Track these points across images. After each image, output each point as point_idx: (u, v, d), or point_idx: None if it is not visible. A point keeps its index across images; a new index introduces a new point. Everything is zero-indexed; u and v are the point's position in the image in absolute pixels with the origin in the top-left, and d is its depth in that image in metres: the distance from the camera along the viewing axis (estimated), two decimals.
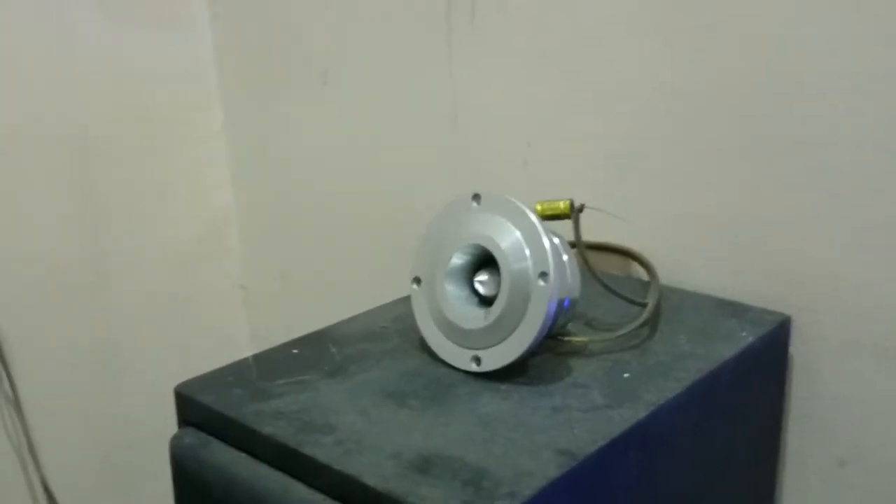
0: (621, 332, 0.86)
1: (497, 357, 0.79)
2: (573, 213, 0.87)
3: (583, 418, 0.73)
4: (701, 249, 1.01)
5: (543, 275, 0.77)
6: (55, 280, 1.36)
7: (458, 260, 0.83)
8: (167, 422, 0.82)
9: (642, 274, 1.05)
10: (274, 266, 1.52)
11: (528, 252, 0.78)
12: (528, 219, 0.79)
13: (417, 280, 0.86)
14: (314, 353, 0.86)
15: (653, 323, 0.91)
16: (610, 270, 1.07)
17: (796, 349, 0.97)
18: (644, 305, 0.91)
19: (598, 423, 0.72)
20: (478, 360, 0.81)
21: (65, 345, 1.39)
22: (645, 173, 1.04)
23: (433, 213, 0.86)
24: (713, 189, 0.99)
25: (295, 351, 0.87)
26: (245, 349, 1.56)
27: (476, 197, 0.83)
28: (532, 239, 0.78)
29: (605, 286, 0.90)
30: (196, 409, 0.79)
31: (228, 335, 1.57)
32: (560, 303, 0.79)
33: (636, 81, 1.02)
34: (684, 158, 1.00)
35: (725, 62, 0.95)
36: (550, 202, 0.88)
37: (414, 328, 0.87)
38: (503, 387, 0.79)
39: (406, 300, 0.96)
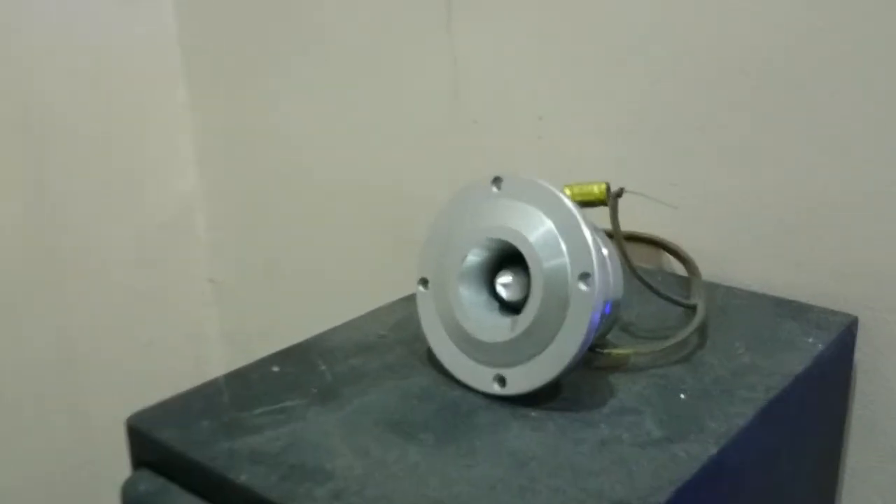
0: (671, 341, 0.71)
1: (526, 377, 0.65)
2: (610, 198, 0.72)
3: (640, 456, 0.59)
4: (747, 237, 0.87)
5: (585, 276, 0.62)
6: (4, 277, 1.20)
7: (475, 258, 0.68)
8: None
9: (676, 267, 0.90)
10: (247, 259, 1.36)
11: (564, 247, 0.63)
12: (564, 206, 0.64)
13: (424, 281, 0.71)
14: (299, 372, 0.71)
15: (701, 328, 0.77)
16: (638, 264, 0.92)
17: (861, 354, 0.83)
18: (692, 307, 0.77)
19: (659, 463, 0.58)
20: (501, 380, 0.66)
21: (18, 349, 1.23)
22: (679, 147, 0.89)
23: (434, 200, 0.71)
24: (761, 165, 0.84)
25: (276, 368, 0.72)
26: (215, 352, 1.41)
27: (497, 181, 0.68)
28: (569, 231, 0.63)
29: (649, 286, 0.75)
30: (154, 448, 0.63)
31: (197, 335, 1.42)
32: (602, 309, 0.64)
33: (667, 37, 0.87)
34: (727, 128, 0.86)
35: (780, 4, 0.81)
36: (582, 186, 0.73)
37: (419, 338, 0.72)
38: (534, 413, 0.64)
39: (407, 302, 0.81)
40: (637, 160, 0.91)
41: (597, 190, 0.73)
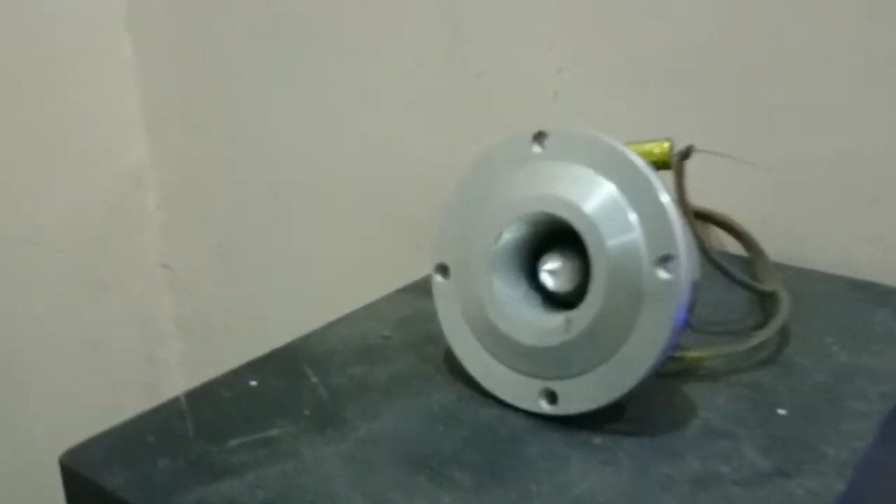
0: (757, 338, 0.57)
1: (586, 392, 0.50)
2: (675, 160, 0.57)
3: (748, 499, 0.44)
4: (816, 209, 0.73)
5: (666, 259, 0.47)
6: None
7: (512, 237, 0.53)
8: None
9: (728, 244, 0.76)
10: (205, 241, 1.19)
11: (633, 219, 0.48)
12: (633, 166, 0.49)
13: (443, 269, 0.56)
14: (284, 386, 0.55)
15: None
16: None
17: None
18: (770, 295, 0.62)
19: None
20: (551, 395, 0.51)
21: None
22: (732, 106, 0.74)
23: (428, 167, 0.55)
24: (833, 122, 0.70)
25: (253, 383, 0.56)
26: (172, 349, 1.24)
27: (540, 137, 0.52)
28: (641, 198, 0.48)
29: (725, 271, 0.60)
30: (95, 497, 0.47)
31: (149, 330, 1.25)
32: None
33: None
34: (788, 76, 0.71)
35: None
36: (639, 145, 0.57)
37: (433, 339, 0.58)
38: (597, 440, 0.49)
39: (411, 294, 0.66)
40: (677, 122, 0.76)
41: (657, 150, 0.58)
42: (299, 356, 0.59)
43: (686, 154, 0.57)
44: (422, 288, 0.67)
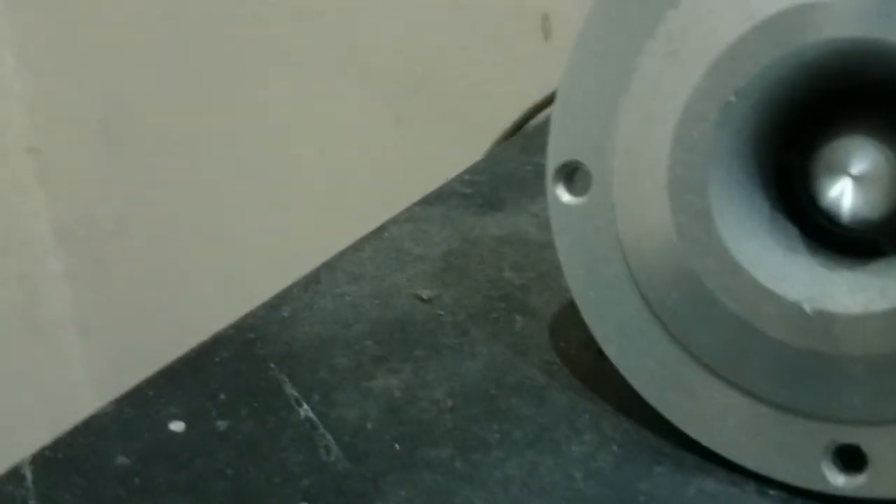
0: None
1: None
2: None
3: None
4: None
5: None
6: None
7: (748, 104, 0.23)
8: None
9: None
10: (86, 115, 0.87)
11: None
12: None
13: (571, 174, 0.26)
14: (247, 433, 0.26)
15: None
16: None
17: None
18: None
19: None
20: (852, 456, 0.23)
21: None
22: None
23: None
24: None
25: (177, 427, 0.26)
26: (49, 265, 0.94)
27: None
28: None
29: None
30: None
31: (16, 238, 0.93)
32: None
33: None
34: None
35: None
36: None
37: (529, 310, 0.30)
38: None
39: (443, 203, 0.37)
40: None
41: None
42: (262, 348, 0.30)
43: None
44: (461, 196, 0.38)
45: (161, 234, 0.88)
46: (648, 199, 0.24)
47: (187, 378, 0.28)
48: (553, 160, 0.26)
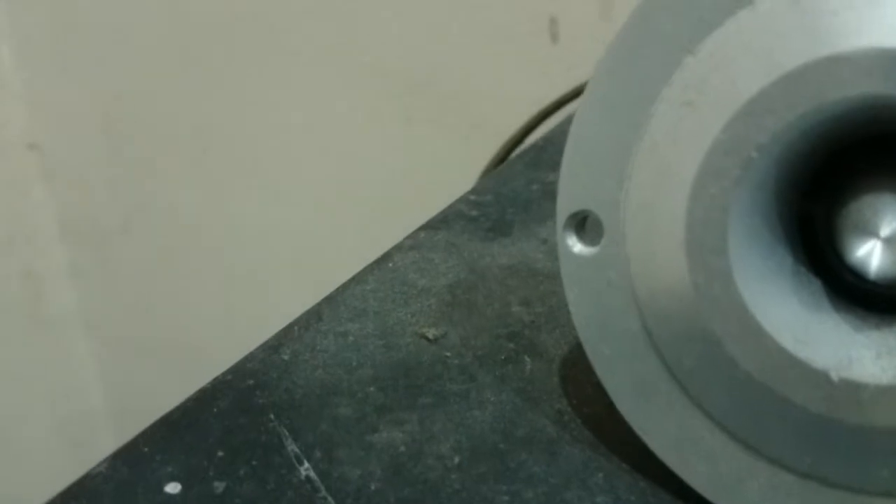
0: None
1: None
2: None
3: None
4: None
5: None
6: None
7: (768, 161, 0.22)
8: None
9: None
10: (88, 111, 0.85)
11: None
12: None
13: (581, 223, 0.25)
14: (237, 487, 0.25)
15: None
16: None
17: None
18: None
19: None
20: None
21: None
22: None
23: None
24: None
25: (172, 488, 0.25)
26: (53, 259, 0.93)
27: None
28: None
29: None
30: None
31: (18, 235, 0.92)
32: None
33: None
34: None
35: None
36: None
37: (527, 337, 0.28)
38: None
39: (446, 228, 0.36)
40: None
41: None
42: (267, 396, 0.29)
43: None
44: (466, 220, 0.37)
45: (166, 231, 0.87)
46: (664, 255, 0.23)
47: (184, 432, 0.27)
48: (563, 209, 0.25)
